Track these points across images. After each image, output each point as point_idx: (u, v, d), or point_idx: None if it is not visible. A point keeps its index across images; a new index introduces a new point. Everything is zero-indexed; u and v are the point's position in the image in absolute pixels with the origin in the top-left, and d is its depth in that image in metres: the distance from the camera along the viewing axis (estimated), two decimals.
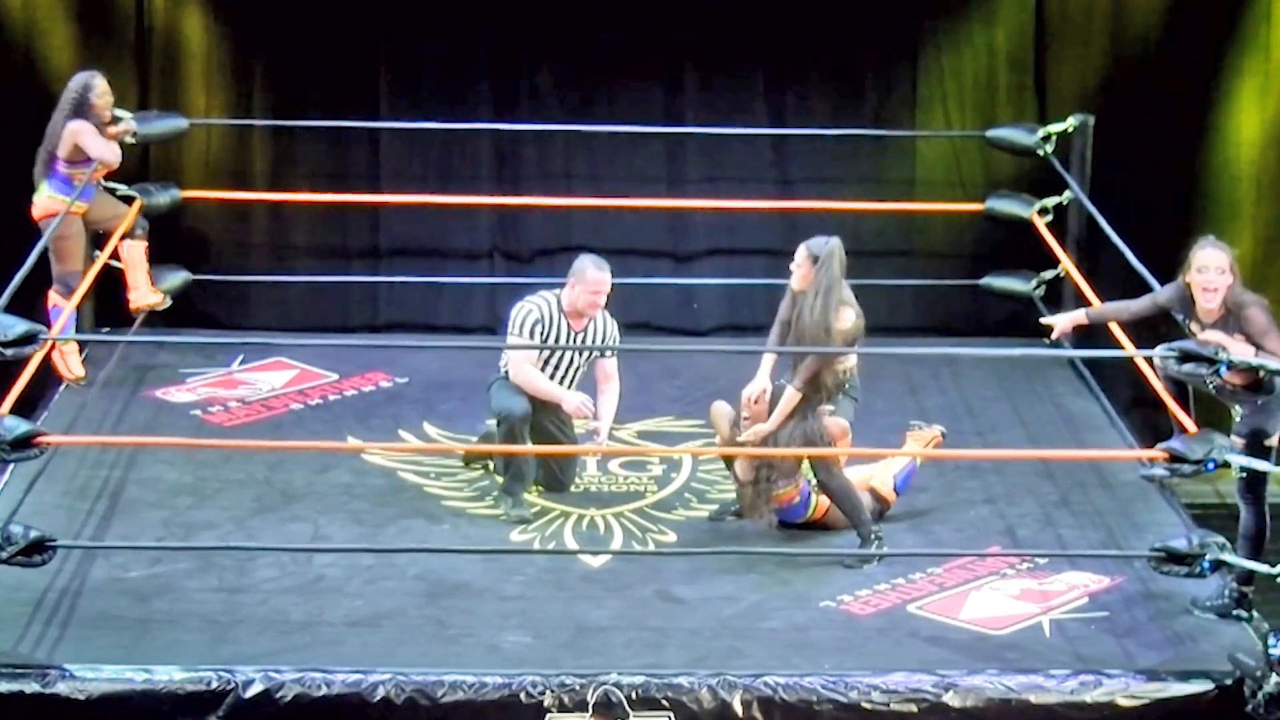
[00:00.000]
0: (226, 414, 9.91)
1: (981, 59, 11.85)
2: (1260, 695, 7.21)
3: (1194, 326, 8.15)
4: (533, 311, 8.89)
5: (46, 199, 9.94)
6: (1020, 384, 10.48)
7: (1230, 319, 8.05)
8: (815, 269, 8.50)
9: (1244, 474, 7.91)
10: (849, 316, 8.53)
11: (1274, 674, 7.19)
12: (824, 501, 8.66)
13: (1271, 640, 7.25)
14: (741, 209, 11.48)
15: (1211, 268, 8.04)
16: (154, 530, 8.63)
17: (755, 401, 8.60)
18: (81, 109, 9.94)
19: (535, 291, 9.03)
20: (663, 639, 7.76)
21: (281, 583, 8.15)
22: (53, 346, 9.70)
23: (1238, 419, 8.12)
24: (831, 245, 8.54)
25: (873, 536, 8.49)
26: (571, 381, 8.97)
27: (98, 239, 10.32)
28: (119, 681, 7.25)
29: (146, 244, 10.40)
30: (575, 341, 8.90)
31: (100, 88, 10.03)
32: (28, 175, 10.01)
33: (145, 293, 10.44)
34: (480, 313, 11.68)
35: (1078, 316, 8.81)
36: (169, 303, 10.70)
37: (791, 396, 8.50)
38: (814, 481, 8.63)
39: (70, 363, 10.06)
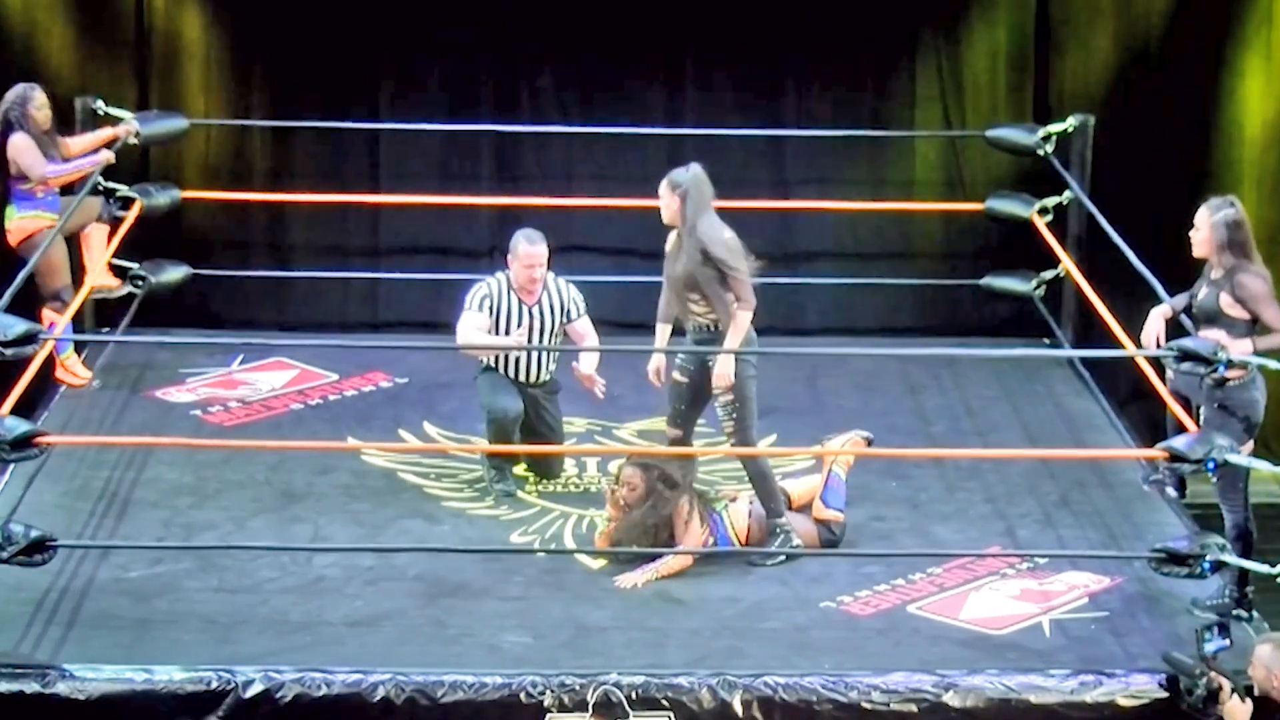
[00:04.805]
0: (226, 414, 9.90)
1: (982, 59, 11.85)
2: (1195, 694, 7.21)
3: (1204, 283, 8.29)
4: (481, 288, 9.07)
5: (19, 221, 9.73)
6: (1020, 384, 10.46)
7: (1225, 280, 8.16)
8: (682, 201, 8.40)
9: (1218, 476, 7.92)
10: (722, 229, 8.39)
11: (1210, 670, 7.19)
12: (741, 525, 8.45)
13: (1206, 636, 7.24)
14: (741, 209, 11.45)
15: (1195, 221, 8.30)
16: (154, 530, 8.62)
17: (658, 375, 8.49)
18: (20, 122, 9.67)
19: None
20: (663, 639, 7.76)
21: (281, 583, 8.15)
22: (55, 361, 9.72)
23: (1202, 420, 8.14)
24: (693, 172, 8.44)
25: (778, 530, 8.40)
26: (545, 350, 9.09)
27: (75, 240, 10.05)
28: (119, 681, 7.26)
29: (109, 229, 10.17)
30: (528, 314, 9.03)
31: (38, 99, 9.75)
32: None
33: (102, 275, 10.19)
34: None
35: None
36: (125, 289, 10.46)
37: (741, 319, 8.28)
38: (723, 509, 8.46)
39: (76, 370, 10.01)
